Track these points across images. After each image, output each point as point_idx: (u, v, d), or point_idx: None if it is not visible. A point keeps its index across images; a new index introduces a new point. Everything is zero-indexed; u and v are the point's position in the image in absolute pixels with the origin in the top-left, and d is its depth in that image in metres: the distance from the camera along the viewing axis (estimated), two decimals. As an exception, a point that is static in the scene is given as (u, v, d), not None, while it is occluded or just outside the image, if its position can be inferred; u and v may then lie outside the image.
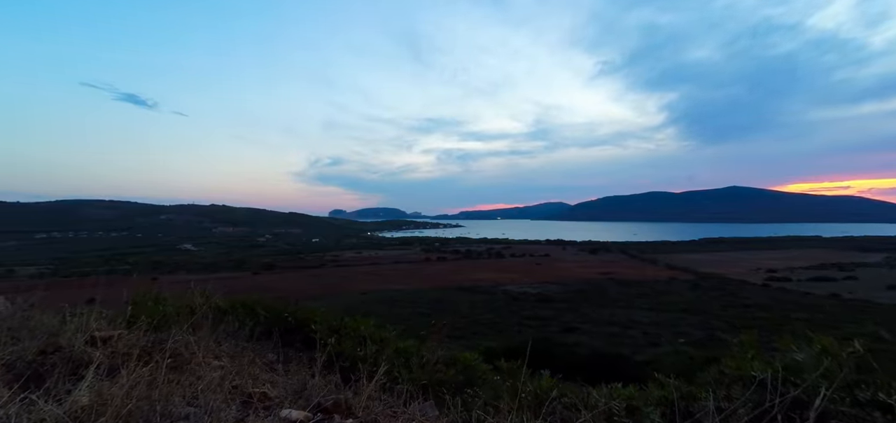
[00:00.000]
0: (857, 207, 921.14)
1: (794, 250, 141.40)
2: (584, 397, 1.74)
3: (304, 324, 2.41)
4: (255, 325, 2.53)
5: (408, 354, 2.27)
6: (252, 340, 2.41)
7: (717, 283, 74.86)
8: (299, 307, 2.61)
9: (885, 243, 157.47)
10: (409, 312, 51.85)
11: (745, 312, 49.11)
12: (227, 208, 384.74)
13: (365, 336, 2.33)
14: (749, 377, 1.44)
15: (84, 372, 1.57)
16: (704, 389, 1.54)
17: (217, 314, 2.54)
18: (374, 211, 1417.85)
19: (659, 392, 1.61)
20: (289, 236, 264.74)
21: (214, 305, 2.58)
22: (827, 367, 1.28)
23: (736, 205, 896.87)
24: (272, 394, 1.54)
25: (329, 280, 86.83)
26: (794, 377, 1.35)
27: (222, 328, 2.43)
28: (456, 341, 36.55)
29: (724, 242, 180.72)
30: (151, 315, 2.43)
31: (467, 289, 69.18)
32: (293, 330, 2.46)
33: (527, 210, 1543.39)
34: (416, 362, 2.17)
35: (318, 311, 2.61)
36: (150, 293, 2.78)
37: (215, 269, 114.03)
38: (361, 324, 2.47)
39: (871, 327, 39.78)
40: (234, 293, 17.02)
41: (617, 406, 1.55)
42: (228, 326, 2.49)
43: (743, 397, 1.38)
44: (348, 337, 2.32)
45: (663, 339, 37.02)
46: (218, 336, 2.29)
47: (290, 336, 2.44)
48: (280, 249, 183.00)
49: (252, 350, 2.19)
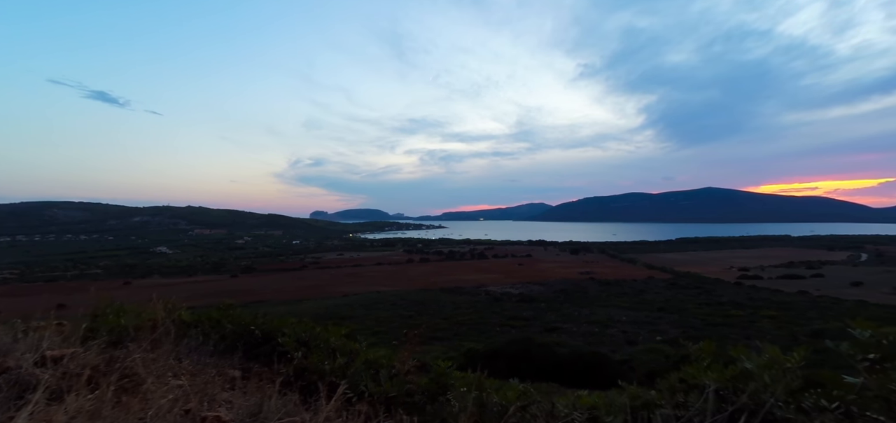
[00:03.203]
0: (824, 208, 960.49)
1: (765, 249, 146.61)
2: (549, 406, 1.74)
3: (271, 336, 2.32)
4: (220, 338, 2.43)
5: (378, 365, 2.22)
6: (216, 354, 2.32)
7: (693, 281, 76.89)
8: (267, 319, 2.52)
9: (850, 242, 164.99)
10: (391, 314, 51.59)
11: (720, 309, 50.48)
12: (205, 210, 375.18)
13: (334, 348, 2.26)
14: (703, 384, 1.48)
15: (31, 396, 1.49)
16: (663, 396, 1.57)
17: (181, 328, 2.44)
18: (357, 212, 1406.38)
19: (621, 399, 1.62)
20: (269, 238, 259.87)
21: (178, 318, 2.48)
22: (773, 375, 1.33)
23: (711, 205, 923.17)
24: (227, 419, 1.48)
25: (310, 282, 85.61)
26: (743, 386, 1.40)
27: (186, 343, 2.33)
28: (439, 343, 36.53)
29: (700, 241, 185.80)
30: (111, 330, 2.31)
31: (450, 290, 69.19)
32: (260, 343, 2.37)
33: (509, 211, 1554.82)
34: (386, 374, 2.12)
35: (289, 321, 2.53)
36: (112, 305, 2.65)
37: (191, 272, 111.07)
38: (332, 334, 2.39)
39: (837, 324, 41.53)
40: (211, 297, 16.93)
41: (578, 417, 1.57)
42: (193, 340, 2.39)
43: (696, 405, 1.42)
44: (317, 349, 2.25)
45: (641, 337, 37.71)
46: (180, 352, 2.20)
47: (257, 349, 2.35)
48: (260, 251, 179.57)
49: (215, 366, 2.11)
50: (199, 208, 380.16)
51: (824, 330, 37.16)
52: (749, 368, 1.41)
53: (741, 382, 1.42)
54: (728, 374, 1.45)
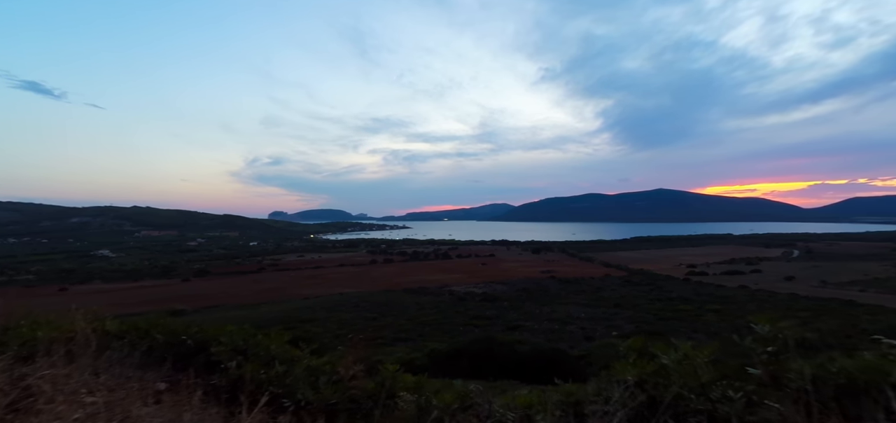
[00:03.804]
0: (762, 208, 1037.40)
1: (710, 247, 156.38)
2: (486, 407, 1.77)
3: (204, 346, 2.20)
4: (149, 350, 2.27)
5: (320, 371, 2.15)
6: (143, 367, 2.16)
7: (646, 278, 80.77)
8: (202, 327, 2.38)
9: (783, 240, 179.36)
10: (354, 316, 50.72)
11: (670, 305, 53.31)
12: (152, 211, 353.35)
13: (274, 355, 2.17)
14: (628, 380, 1.57)
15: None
16: (594, 391, 1.64)
17: (104, 339, 2.25)
18: (318, 213, 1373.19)
19: (556, 396, 1.68)
20: (224, 240, 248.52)
21: (101, 328, 2.29)
22: (685, 370, 1.43)
23: (663, 206, 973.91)
24: (138, 437, 1.38)
25: (268, 285, 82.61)
26: (662, 380, 1.49)
27: (108, 356, 2.16)
28: (402, 344, 36.28)
29: (653, 240, 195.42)
30: (22, 343, 2.10)
31: (414, 291, 68.93)
32: (193, 353, 2.23)
33: (473, 211, 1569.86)
34: (326, 380, 2.06)
35: (227, 329, 2.40)
36: (27, 317, 2.41)
37: (138, 276, 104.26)
38: (273, 341, 2.30)
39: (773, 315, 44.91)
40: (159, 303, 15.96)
41: (512, 416, 1.60)
42: (117, 352, 2.21)
43: (622, 399, 1.50)
44: (255, 357, 2.15)
45: (598, 333, 39.14)
46: (99, 366, 2.03)
47: (190, 360, 2.21)
48: (214, 253, 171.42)
49: (138, 380, 1.97)
50: (147, 209, 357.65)
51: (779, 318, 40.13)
52: (665, 363, 1.50)
53: (660, 377, 1.51)
54: (649, 369, 1.54)
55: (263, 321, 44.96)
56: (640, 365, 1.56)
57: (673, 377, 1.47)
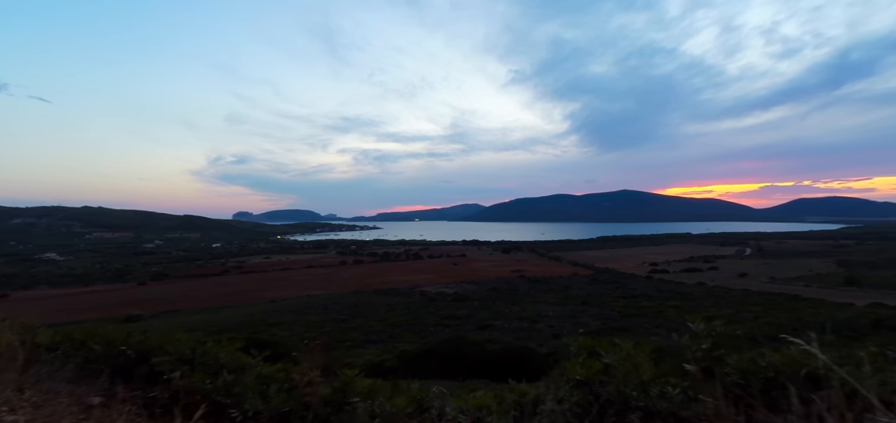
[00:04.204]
0: (718, 209, 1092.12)
1: (671, 246, 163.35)
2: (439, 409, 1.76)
3: (146, 355, 2.06)
4: (85, 362, 2.11)
5: (273, 379, 2.07)
6: (77, 381, 2.01)
7: (612, 277, 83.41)
8: (146, 336, 2.23)
9: (737, 239, 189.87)
10: (323, 318, 49.77)
11: (634, 302, 55.29)
12: (106, 211, 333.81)
13: (223, 364, 2.06)
14: (577, 379, 1.61)
15: None
16: (548, 391, 1.67)
17: (33, 352, 2.08)
18: (285, 213, 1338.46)
19: (511, 396, 1.70)
20: (185, 242, 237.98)
21: (31, 340, 2.12)
22: (627, 368, 1.49)
23: (628, 206, 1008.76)
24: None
25: (233, 288, 79.74)
26: (607, 378, 1.55)
27: (37, 369, 1.99)
28: (373, 346, 35.87)
29: (618, 240, 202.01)
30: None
31: (384, 292, 68.35)
32: (134, 364, 2.09)
33: (444, 211, 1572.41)
34: (277, 388, 1.98)
35: (174, 336, 2.27)
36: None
37: (89, 281, 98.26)
38: (223, 349, 2.19)
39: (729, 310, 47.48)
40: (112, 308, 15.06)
41: (464, 419, 1.61)
42: (48, 365, 2.05)
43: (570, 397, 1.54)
44: (202, 366, 2.04)
45: (565, 330, 40.05)
46: (25, 381, 1.87)
47: (131, 371, 2.07)
48: (173, 256, 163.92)
49: (70, 394, 1.83)
50: (99, 209, 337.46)
51: (717, 317, 42.36)
52: (609, 362, 1.56)
53: (605, 375, 1.56)
54: (595, 368, 1.59)
55: (227, 326, 43.35)
56: (588, 365, 1.60)
57: (617, 376, 1.52)
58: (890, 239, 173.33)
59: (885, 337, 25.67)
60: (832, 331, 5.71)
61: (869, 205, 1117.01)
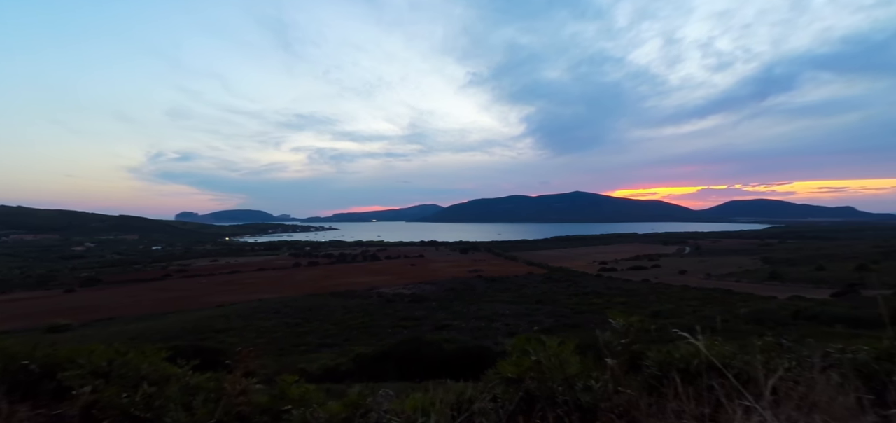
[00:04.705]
0: (661, 210, 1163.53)
1: (619, 245, 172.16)
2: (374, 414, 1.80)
3: (53, 370, 1.89)
4: None
5: (200, 389, 1.98)
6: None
7: (565, 275, 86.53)
8: (54, 348, 2.05)
9: (678, 238, 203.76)
10: (275, 322, 47.94)
11: (585, 299, 57.68)
12: (26, 211, 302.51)
13: (144, 375, 1.94)
14: (509, 377, 1.71)
15: None
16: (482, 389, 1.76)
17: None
18: (235, 214, 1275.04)
19: (448, 396, 1.76)
20: (120, 244, 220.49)
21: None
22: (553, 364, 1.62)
23: (579, 208, 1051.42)
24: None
25: (176, 293, 74.91)
26: (538, 375, 1.66)
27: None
28: (328, 349, 35.01)
29: (570, 240, 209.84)
30: None
31: (341, 294, 66.91)
32: (38, 379, 1.91)
33: (402, 212, 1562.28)
34: (204, 398, 1.90)
35: (87, 348, 2.09)
36: None
37: (6, 288, 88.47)
38: (146, 359, 2.05)
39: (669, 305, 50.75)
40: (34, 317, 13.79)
41: (397, 421, 1.66)
42: None
43: (502, 395, 1.64)
44: (119, 379, 1.90)
45: (521, 328, 41.10)
46: None
47: (36, 387, 1.90)
48: (107, 259, 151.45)
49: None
50: (19, 208, 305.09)
51: (660, 311, 45.21)
52: (538, 360, 1.67)
53: (535, 372, 1.67)
54: (525, 366, 1.69)
55: (169, 333, 40.70)
56: (519, 363, 1.70)
57: (546, 372, 1.64)
58: (807, 238, 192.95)
59: (802, 327, 28.51)
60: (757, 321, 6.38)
61: (790, 207, 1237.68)
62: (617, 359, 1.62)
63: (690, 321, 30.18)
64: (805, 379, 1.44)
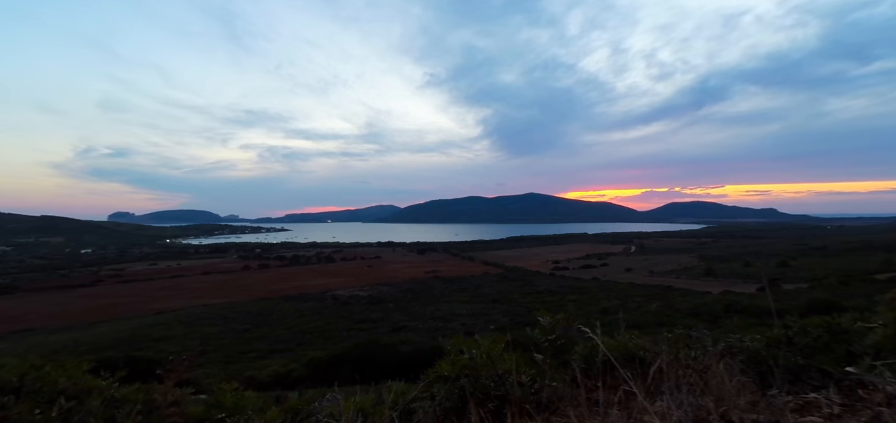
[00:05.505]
0: (609, 211, 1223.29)
1: (571, 245, 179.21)
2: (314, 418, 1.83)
3: None
4: None
5: (126, 402, 1.89)
6: None
7: (519, 274, 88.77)
8: None
9: (624, 238, 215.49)
10: (222, 329, 45.67)
11: (539, 297, 59.50)
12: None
13: (62, 390, 1.82)
14: (444, 375, 1.82)
15: None
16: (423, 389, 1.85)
17: None
18: (177, 214, 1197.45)
19: (391, 397, 1.83)
20: (42, 247, 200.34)
21: None
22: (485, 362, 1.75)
23: (534, 208, 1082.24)
24: None
25: (108, 301, 69.17)
26: (473, 373, 1.78)
27: None
28: (279, 355, 33.80)
29: (525, 240, 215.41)
30: None
31: (293, 297, 64.78)
32: None
33: (359, 212, 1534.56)
34: (129, 411, 1.82)
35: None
36: None
37: None
38: (65, 372, 1.92)
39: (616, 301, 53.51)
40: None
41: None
42: None
43: (440, 393, 1.74)
44: (32, 395, 1.76)
45: (478, 328, 41.72)
46: None
47: None
48: (26, 264, 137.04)
49: None
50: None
51: (609, 308, 47.61)
52: (469, 358, 1.79)
53: (470, 369, 1.79)
54: (460, 364, 1.81)
55: (100, 344, 37.65)
56: (455, 362, 1.81)
57: (479, 370, 1.75)
58: (737, 237, 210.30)
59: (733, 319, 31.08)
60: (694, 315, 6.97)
61: (722, 208, 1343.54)
62: (543, 354, 1.77)
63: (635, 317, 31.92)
64: (703, 366, 1.66)
